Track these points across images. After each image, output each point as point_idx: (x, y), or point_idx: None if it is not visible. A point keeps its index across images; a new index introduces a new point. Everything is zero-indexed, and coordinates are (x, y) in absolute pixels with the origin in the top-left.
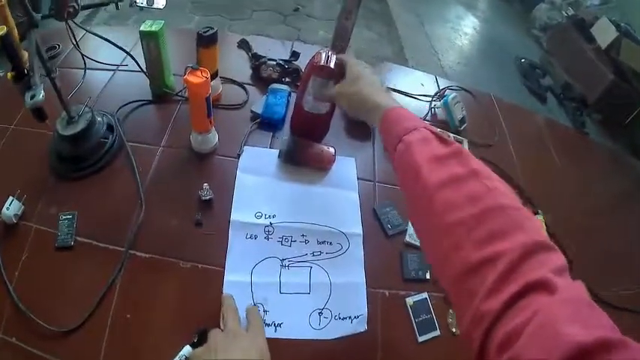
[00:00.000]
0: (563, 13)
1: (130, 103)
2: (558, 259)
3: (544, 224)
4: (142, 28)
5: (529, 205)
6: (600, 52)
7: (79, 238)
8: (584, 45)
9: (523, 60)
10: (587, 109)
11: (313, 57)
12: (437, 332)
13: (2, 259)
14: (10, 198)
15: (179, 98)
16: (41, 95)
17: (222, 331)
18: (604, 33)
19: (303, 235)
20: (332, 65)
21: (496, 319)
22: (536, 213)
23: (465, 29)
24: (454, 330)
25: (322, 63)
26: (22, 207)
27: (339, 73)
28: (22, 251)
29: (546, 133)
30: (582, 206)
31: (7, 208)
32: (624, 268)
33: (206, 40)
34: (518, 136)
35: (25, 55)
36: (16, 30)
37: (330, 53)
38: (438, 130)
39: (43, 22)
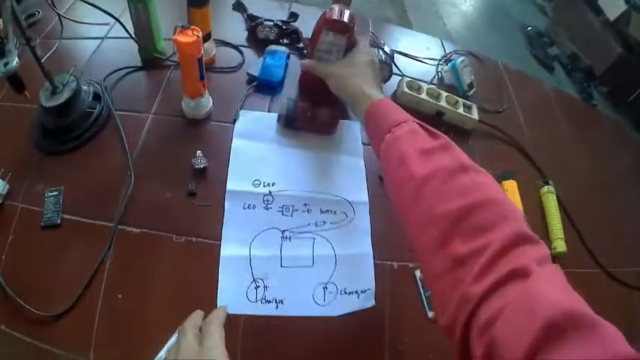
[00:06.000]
0: None
1: (118, 70)
2: (540, 249)
3: (555, 195)
4: None
5: (540, 176)
6: (608, 24)
7: (65, 216)
8: (591, 16)
9: (530, 28)
10: (594, 80)
11: (325, 12)
12: None
13: None
14: None
15: (170, 63)
16: (15, 62)
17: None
18: (612, 4)
19: (305, 205)
20: (346, 19)
21: (479, 303)
22: (546, 183)
23: None
24: None
25: (336, 17)
26: (7, 186)
27: (352, 28)
28: (8, 233)
29: (555, 103)
30: (591, 180)
31: None
32: (635, 246)
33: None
34: (526, 104)
35: None
36: None
37: (343, 8)
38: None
39: None
